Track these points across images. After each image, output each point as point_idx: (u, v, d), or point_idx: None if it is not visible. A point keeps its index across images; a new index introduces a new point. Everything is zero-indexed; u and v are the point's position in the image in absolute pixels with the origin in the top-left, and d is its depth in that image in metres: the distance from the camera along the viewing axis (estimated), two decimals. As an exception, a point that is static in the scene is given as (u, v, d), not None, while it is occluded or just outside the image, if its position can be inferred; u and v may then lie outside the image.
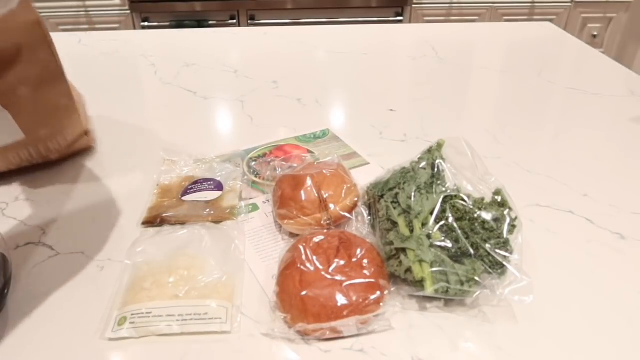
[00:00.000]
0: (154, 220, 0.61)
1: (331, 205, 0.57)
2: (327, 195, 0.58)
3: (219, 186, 0.66)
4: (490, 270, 0.49)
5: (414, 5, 2.07)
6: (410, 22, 2.10)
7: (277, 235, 0.60)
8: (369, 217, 0.59)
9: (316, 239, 0.52)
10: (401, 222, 0.53)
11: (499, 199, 0.54)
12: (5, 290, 0.50)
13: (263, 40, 1.26)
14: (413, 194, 0.54)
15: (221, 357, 0.46)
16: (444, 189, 0.55)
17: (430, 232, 0.51)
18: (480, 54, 1.19)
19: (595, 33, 2.22)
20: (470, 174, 0.57)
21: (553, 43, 1.24)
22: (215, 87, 0.99)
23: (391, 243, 0.52)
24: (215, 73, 1.05)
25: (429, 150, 0.60)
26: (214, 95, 0.96)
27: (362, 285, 0.48)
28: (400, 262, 0.50)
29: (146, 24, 2.02)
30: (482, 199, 0.54)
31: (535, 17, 2.16)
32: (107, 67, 1.08)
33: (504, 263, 0.49)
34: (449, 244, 0.50)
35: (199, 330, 0.47)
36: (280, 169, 0.67)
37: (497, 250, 0.50)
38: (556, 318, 0.50)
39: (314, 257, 0.50)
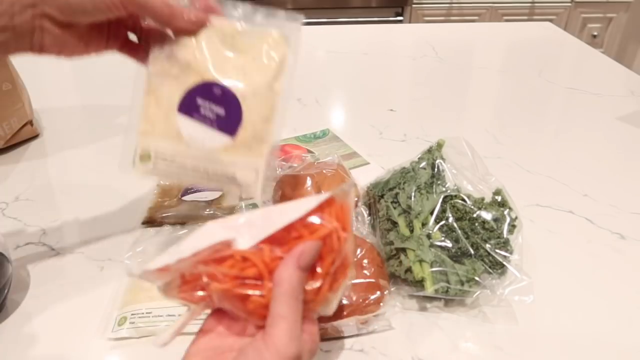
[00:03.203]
0: (154, 220, 0.61)
1: (331, 205, 0.57)
2: (327, 195, 0.58)
3: (219, 186, 0.66)
4: (490, 270, 0.49)
5: (414, 5, 2.07)
6: (410, 22, 2.10)
7: (277, 235, 0.60)
8: (369, 217, 0.59)
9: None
10: (401, 222, 0.53)
11: (499, 199, 0.54)
12: (6, 290, 0.50)
13: (263, 40, 1.25)
14: (413, 194, 0.54)
15: (221, 357, 0.46)
16: (444, 189, 0.55)
17: (430, 232, 0.51)
18: (480, 54, 1.19)
19: (595, 33, 2.22)
20: (470, 174, 0.57)
21: (553, 43, 1.24)
22: (215, 87, 0.99)
23: (391, 243, 0.52)
24: (215, 73, 1.05)
25: (429, 150, 0.60)
26: (214, 95, 0.96)
27: (362, 285, 0.48)
28: (400, 262, 0.50)
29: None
30: (482, 199, 0.54)
31: (535, 17, 2.16)
32: (107, 67, 1.07)
33: (504, 263, 0.49)
34: (449, 244, 0.50)
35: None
36: (280, 169, 0.67)
37: (497, 250, 0.50)
38: (556, 318, 0.50)
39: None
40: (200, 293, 0.32)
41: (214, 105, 0.41)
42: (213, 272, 0.31)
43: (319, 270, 0.32)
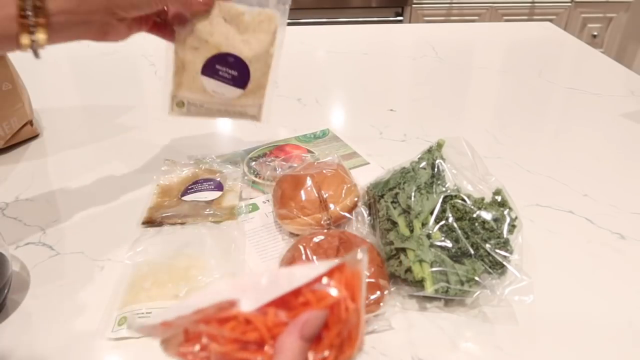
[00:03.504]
0: (154, 220, 0.61)
1: (331, 205, 0.57)
2: (327, 195, 0.58)
3: (219, 186, 0.66)
4: (490, 270, 0.49)
5: (414, 5, 2.07)
6: (410, 22, 2.10)
7: (277, 235, 0.60)
8: (369, 217, 0.59)
9: (316, 239, 0.52)
10: (401, 222, 0.53)
11: (499, 199, 0.54)
12: (6, 290, 0.50)
13: (263, 40, 1.26)
14: (413, 194, 0.54)
15: (221, 357, 0.46)
16: (444, 189, 0.55)
17: (430, 232, 0.51)
18: (480, 54, 1.19)
19: (595, 33, 2.22)
20: (470, 174, 0.57)
21: (553, 43, 1.24)
22: (215, 87, 0.99)
23: (391, 243, 0.52)
24: (215, 73, 1.05)
25: (429, 150, 0.60)
26: (214, 95, 0.96)
27: (362, 285, 0.48)
28: (400, 262, 0.50)
29: (146, 24, 2.02)
30: (482, 199, 0.54)
31: (535, 17, 2.16)
32: (107, 67, 1.08)
33: (504, 263, 0.49)
34: (449, 244, 0.50)
35: (199, 330, 0.47)
36: (280, 169, 0.67)
37: (497, 250, 0.49)
38: (556, 318, 0.50)
39: (314, 257, 0.50)
40: (201, 353, 0.31)
41: (229, 69, 0.57)
42: (214, 333, 0.30)
43: (324, 341, 0.31)
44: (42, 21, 0.45)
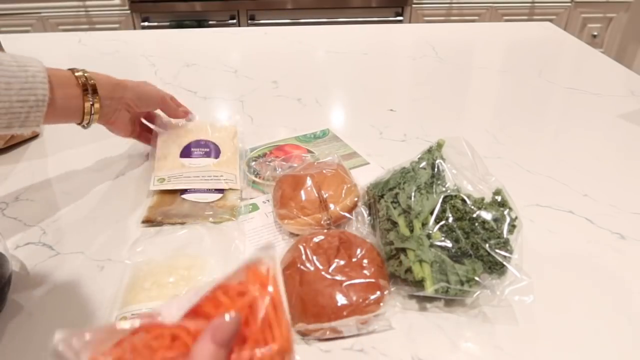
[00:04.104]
0: (154, 220, 0.61)
1: (331, 205, 0.57)
2: (327, 195, 0.58)
3: (219, 186, 0.66)
4: (490, 270, 0.49)
5: (414, 5, 2.07)
6: (410, 22, 2.10)
7: (277, 235, 0.60)
8: (369, 217, 0.59)
9: (316, 239, 0.52)
10: (401, 222, 0.53)
11: (499, 199, 0.54)
12: (6, 290, 0.50)
13: (263, 40, 1.26)
14: (413, 194, 0.54)
15: (221, 357, 0.46)
16: (444, 189, 0.55)
17: (430, 232, 0.51)
18: (480, 54, 1.19)
19: (595, 33, 2.22)
20: (470, 174, 0.57)
21: (553, 43, 1.24)
22: (215, 87, 0.99)
23: (391, 243, 0.52)
24: (215, 73, 1.05)
25: (429, 150, 0.60)
26: (214, 95, 0.96)
27: (362, 285, 0.48)
28: (400, 262, 0.50)
29: (146, 24, 2.02)
30: (482, 199, 0.54)
31: (535, 17, 2.16)
32: (107, 67, 1.07)
33: (504, 263, 0.49)
34: (449, 244, 0.50)
35: (199, 330, 0.47)
36: (280, 169, 0.67)
37: (497, 250, 0.49)
38: (556, 318, 0.50)
39: (314, 257, 0.50)
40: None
41: (203, 148, 0.70)
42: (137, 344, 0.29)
43: (248, 339, 0.30)
44: (97, 106, 0.61)
